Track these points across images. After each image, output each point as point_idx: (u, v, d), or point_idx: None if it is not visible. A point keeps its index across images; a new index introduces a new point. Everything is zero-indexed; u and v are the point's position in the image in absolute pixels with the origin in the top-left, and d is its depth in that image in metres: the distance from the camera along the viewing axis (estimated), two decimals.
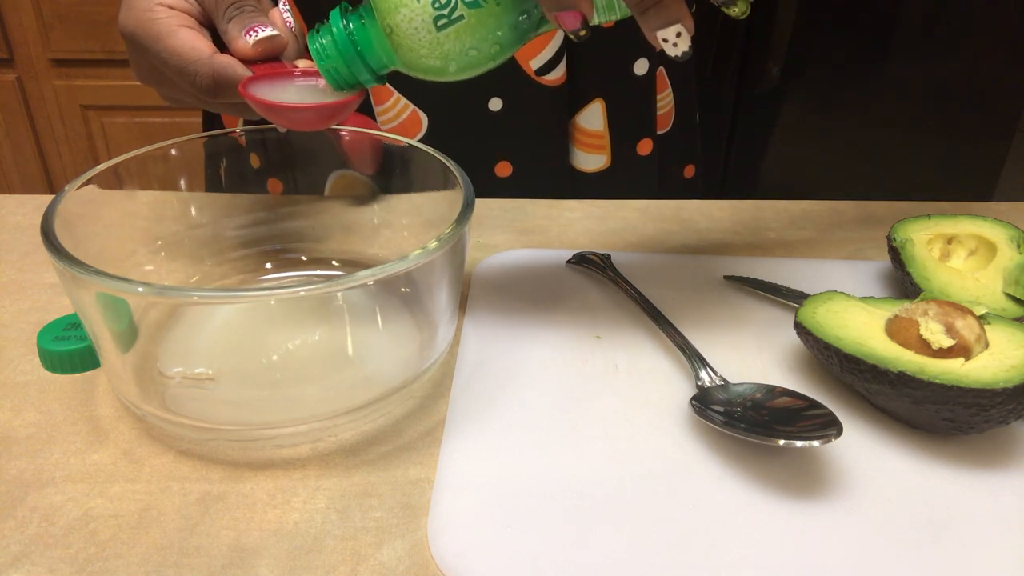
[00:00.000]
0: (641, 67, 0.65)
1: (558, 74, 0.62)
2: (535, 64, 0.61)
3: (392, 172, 0.48)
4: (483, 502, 0.34)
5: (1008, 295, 0.44)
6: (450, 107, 0.63)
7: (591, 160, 0.67)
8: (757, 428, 0.36)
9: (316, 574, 0.32)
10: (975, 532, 0.33)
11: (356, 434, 0.39)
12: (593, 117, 0.65)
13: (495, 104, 0.63)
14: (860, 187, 1.49)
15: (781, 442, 0.34)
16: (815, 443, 0.34)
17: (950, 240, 0.49)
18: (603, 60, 0.63)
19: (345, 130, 0.48)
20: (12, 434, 0.38)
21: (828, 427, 0.34)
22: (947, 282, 0.45)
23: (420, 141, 0.59)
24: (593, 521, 0.33)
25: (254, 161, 0.50)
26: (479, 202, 0.44)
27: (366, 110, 0.63)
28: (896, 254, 0.48)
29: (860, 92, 1.43)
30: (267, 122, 0.40)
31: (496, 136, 0.64)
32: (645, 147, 0.68)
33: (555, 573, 0.31)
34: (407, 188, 0.47)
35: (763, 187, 1.54)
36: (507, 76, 0.61)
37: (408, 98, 0.62)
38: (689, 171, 0.76)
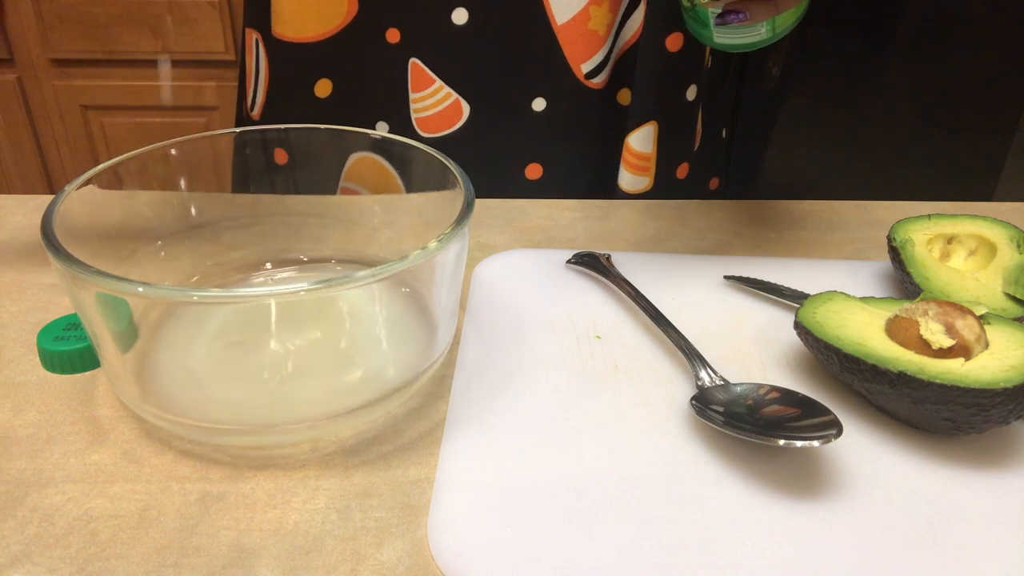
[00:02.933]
0: (691, 93, 0.64)
1: (603, 77, 0.60)
2: (586, 68, 0.59)
3: (392, 172, 0.48)
4: (483, 502, 0.34)
5: (1008, 295, 0.44)
6: (493, 101, 0.61)
7: (636, 182, 0.65)
8: (757, 428, 0.36)
9: (316, 574, 0.32)
10: (975, 532, 0.33)
11: (356, 434, 0.39)
12: (645, 139, 0.64)
13: (539, 104, 0.61)
14: (860, 187, 1.49)
15: (781, 442, 0.34)
16: (815, 443, 0.34)
17: (950, 240, 0.49)
18: (663, 84, 0.62)
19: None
20: (12, 434, 0.38)
21: (828, 427, 0.34)
22: (947, 282, 0.45)
23: (455, 131, 0.59)
24: (593, 521, 0.33)
25: (279, 157, 0.50)
26: (479, 202, 0.44)
27: (399, 96, 0.61)
28: (896, 254, 0.48)
29: (860, 92, 1.43)
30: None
31: (533, 137, 0.63)
32: (683, 171, 0.67)
33: (555, 573, 0.31)
34: (407, 188, 0.47)
35: (763, 187, 1.53)
36: (555, 77, 0.59)
37: (453, 87, 0.60)
38: (713, 183, 0.75)
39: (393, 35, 0.58)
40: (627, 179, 0.65)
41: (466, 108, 0.60)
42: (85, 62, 1.62)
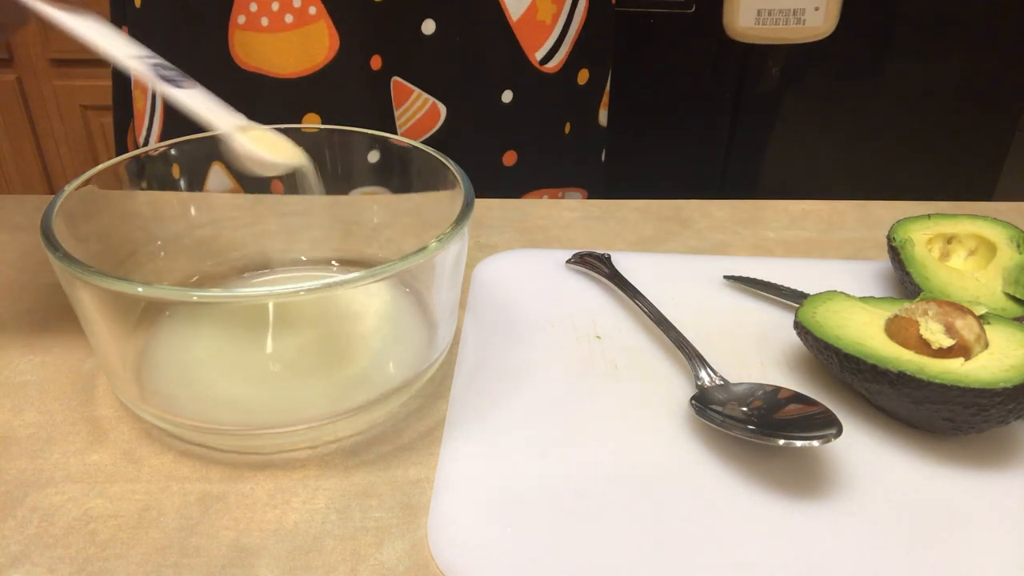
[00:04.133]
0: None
1: (555, 62, 0.65)
2: (539, 55, 0.64)
3: (392, 172, 0.48)
4: (483, 502, 0.34)
5: (1008, 295, 0.44)
6: (466, 100, 0.64)
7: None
8: (757, 428, 0.36)
9: (316, 574, 0.32)
10: (975, 532, 0.33)
11: (356, 434, 0.39)
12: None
13: (507, 96, 0.65)
14: (860, 187, 1.49)
15: (781, 442, 0.34)
16: (815, 443, 0.34)
17: (950, 240, 0.49)
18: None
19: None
20: (12, 434, 0.38)
21: (828, 427, 0.34)
22: (947, 282, 0.45)
23: (434, 133, 0.61)
24: (593, 521, 0.33)
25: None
26: (479, 202, 0.44)
27: (385, 116, 0.63)
28: (896, 254, 0.48)
29: (860, 92, 1.43)
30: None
31: (505, 127, 0.66)
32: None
33: (555, 573, 0.31)
34: (407, 188, 0.47)
35: (763, 187, 1.54)
36: (517, 69, 0.64)
37: (429, 92, 0.63)
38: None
39: (376, 62, 0.60)
40: (603, 115, 0.74)
41: (443, 110, 0.64)
42: (85, 62, 1.62)
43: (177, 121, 0.63)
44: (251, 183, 0.50)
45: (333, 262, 0.50)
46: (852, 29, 1.40)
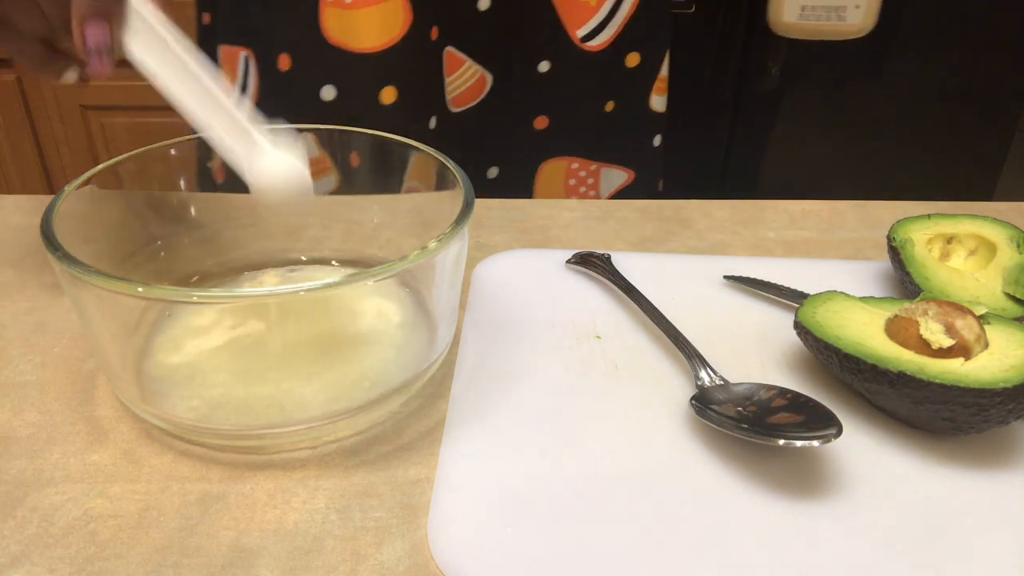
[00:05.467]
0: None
1: (599, 42, 0.70)
2: (580, 33, 0.69)
3: (392, 172, 0.48)
4: (483, 502, 0.34)
5: (1008, 295, 0.44)
6: (508, 69, 0.69)
7: (660, 102, 0.77)
8: (757, 428, 0.36)
9: (316, 574, 0.32)
10: (975, 532, 0.33)
11: (356, 434, 0.39)
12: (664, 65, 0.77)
13: (544, 67, 0.70)
14: (860, 187, 1.49)
15: (781, 442, 0.34)
16: (815, 443, 0.34)
17: (950, 240, 0.49)
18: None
19: None
20: (12, 434, 0.38)
21: (828, 427, 0.34)
22: (947, 282, 0.45)
23: (481, 101, 0.70)
24: (593, 521, 0.33)
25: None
26: (479, 202, 0.44)
27: (435, 84, 0.67)
28: (896, 254, 0.48)
29: (860, 92, 1.43)
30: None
31: (540, 94, 0.71)
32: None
33: (555, 573, 0.31)
34: (407, 188, 0.47)
35: (763, 187, 1.54)
36: (555, 43, 0.69)
37: (479, 62, 0.68)
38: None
39: (434, 33, 0.66)
40: (656, 101, 0.77)
41: (489, 79, 0.69)
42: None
43: (270, 102, 0.66)
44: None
45: (333, 262, 0.50)
46: None
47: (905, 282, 0.47)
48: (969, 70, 1.41)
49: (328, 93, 0.65)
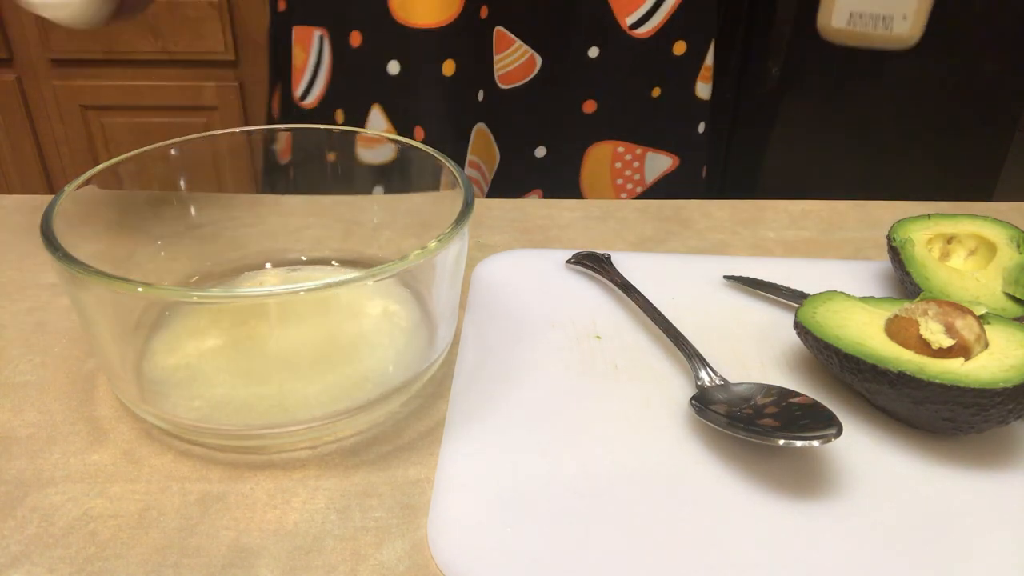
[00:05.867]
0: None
1: (647, 29, 0.73)
2: (629, 20, 0.72)
3: (392, 172, 0.48)
4: (483, 502, 0.34)
5: (1008, 295, 0.44)
6: (558, 52, 0.72)
7: (705, 89, 0.79)
8: (757, 428, 0.36)
9: (316, 574, 0.32)
10: (975, 532, 0.33)
11: (356, 434, 0.39)
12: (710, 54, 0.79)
13: (593, 52, 0.73)
14: (860, 187, 1.49)
15: (781, 442, 0.34)
16: (815, 443, 0.34)
17: (950, 240, 0.49)
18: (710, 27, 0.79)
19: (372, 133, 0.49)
20: (12, 434, 0.38)
21: (828, 427, 0.34)
22: (947, 282, 0.45)
23: (530, 80, 0.73)
24: (593, 521, 0.33)
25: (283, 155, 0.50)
26: (479, 202, 0.44)
27: (482, 60, 0.71)
28: (896, 254, 0.48)
29: (860, 92, 1.43)
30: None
31: (588, 78, 0.74)
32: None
33: (555, 573, 0.31)
34: (407, 188, 0.47)
35: (763, 187, 1.54)
36: (604, 29, 0.72)
37: (528, 43, 0.72)
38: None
39: (483, 12, 0.70)
40: (702, 88, 0.79)
41: (539, 60, 0.73)
42: (85, 62, 1.62)
43: (342, 77, 0.72)
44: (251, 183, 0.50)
45: (333, 262, 0.50)
46: None
47: (905, 282, 0.47)
48: (969, 70, 1.41)
49: (393, 68, 0.69)
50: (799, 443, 0.34)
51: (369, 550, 0.33)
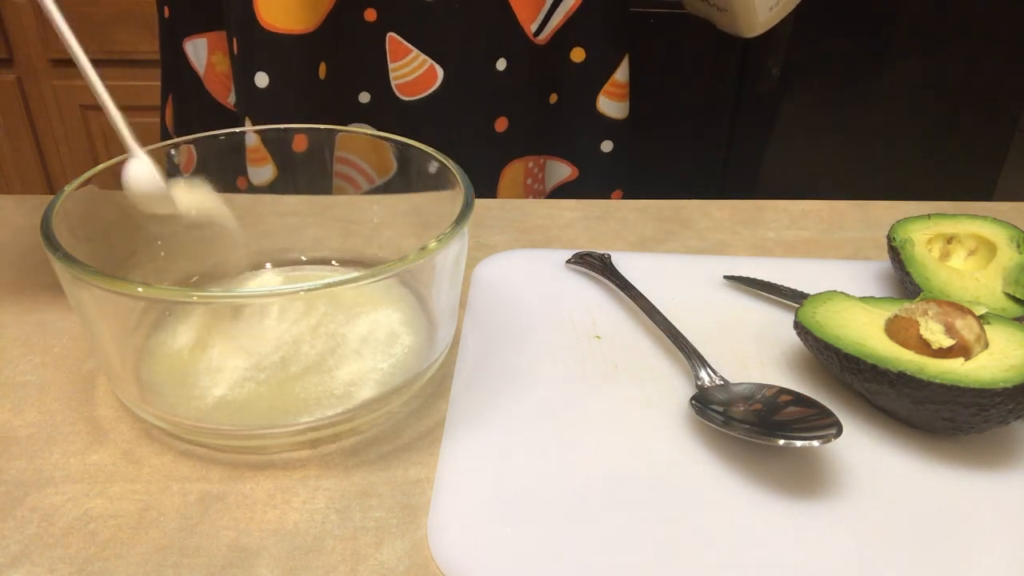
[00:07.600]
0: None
1: (545, 35, 0.69)
2: (533, 27, 0.68)
3: (392, 172, 0.48)
4: (483, 502, 0.34)
5: (1008, 295, 0.44)
6: (462, 64, 0.68)
7: (619, 108, 0.76)
8: (757, 428, 0.36)
9: (316, 574, 0.32)
10: (975, 532, 0.33)
11: (356, 434, 0.39)
12: (623, 71, 0.75)
13: (501, 64, 0.69)
14: (860, 187, 1.49)
15: (781, 442, 0.34)
16: (815, 443, 0.34)
17: (950, 240, 0.49)
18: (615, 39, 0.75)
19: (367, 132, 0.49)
20: (12, 434, 0.38)
21: (828, 427, 0.34)
22: (947, 282, 0.45)
23: (432, 93, 0.68)
24: (593, 521, 0.33)
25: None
26: (479, 202, 0.44)
27: (380, 68, 0.67)
28: (896, 254, 0.48)
29: (860, 92, 1.43)
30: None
31: (498, 94, 0.71)
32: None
33: (555, 573, 0.31)
34: (407, 188, 0.47)
35: (763, 187, 1.54)
36: (511, 39, 0.69)
37: (427, 53, 0.67)
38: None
39: (370, 14, 0.65)
40: (606, 104, 0.75)
41: (440, 72, 0.68)
42: None
43: (222, 85, 0.68)
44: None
45: (333, 262, 0.50)
46: (852, 29, 1.40)
47: (905, 282, 0.47)
48: (969, 70, 1.41)
49: (261, 80, 0.66)
50: (799, 443, 0.34)
51: (369, 550, 0.33)
